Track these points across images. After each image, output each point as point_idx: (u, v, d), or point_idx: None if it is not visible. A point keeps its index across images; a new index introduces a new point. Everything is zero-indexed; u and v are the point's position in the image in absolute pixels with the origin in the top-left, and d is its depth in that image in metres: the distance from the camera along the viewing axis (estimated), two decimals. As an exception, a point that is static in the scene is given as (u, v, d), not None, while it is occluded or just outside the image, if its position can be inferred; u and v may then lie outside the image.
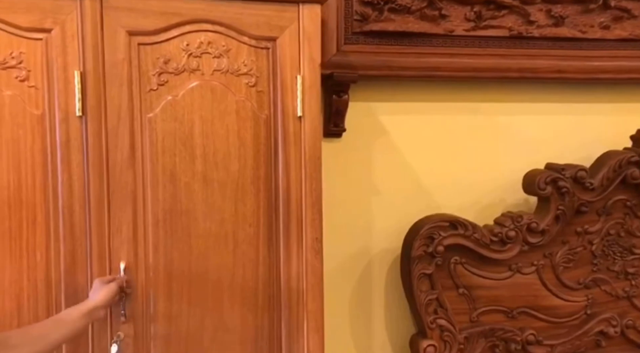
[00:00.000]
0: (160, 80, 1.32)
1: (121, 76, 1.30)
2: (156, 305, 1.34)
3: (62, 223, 1.31)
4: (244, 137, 1.37)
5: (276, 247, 1.40)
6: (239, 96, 1.36)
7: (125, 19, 1.29)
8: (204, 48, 1.34)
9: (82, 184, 1.32)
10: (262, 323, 1.40)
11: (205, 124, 1.35)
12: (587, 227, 1.91)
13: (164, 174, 1.34)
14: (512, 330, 1.89)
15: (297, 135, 1.39)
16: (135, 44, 1.31)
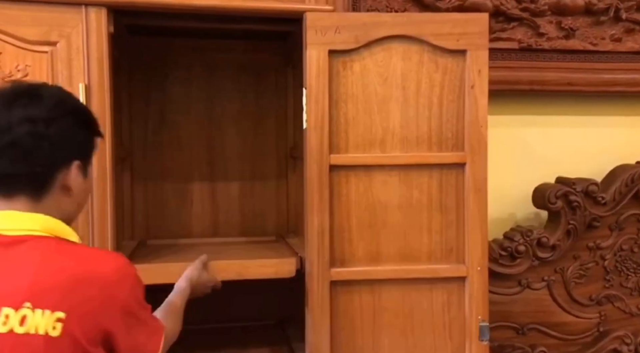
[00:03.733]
0: None
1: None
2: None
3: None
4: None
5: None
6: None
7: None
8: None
9: (86, 197, 1.30)
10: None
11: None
12: (599, 242, 1.87)
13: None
14: (523, 346, 1.85)
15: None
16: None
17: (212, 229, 1.83)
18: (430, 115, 1.41)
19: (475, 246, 1.42)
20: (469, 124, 1.41)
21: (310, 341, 1.39)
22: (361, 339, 1.42)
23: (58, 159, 0.89)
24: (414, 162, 1.41)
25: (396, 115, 1.40)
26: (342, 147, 1.40)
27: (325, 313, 1.39)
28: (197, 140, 1.80)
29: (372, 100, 1.39)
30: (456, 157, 1.42)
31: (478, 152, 1.41)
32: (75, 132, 0.92)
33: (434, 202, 1.43)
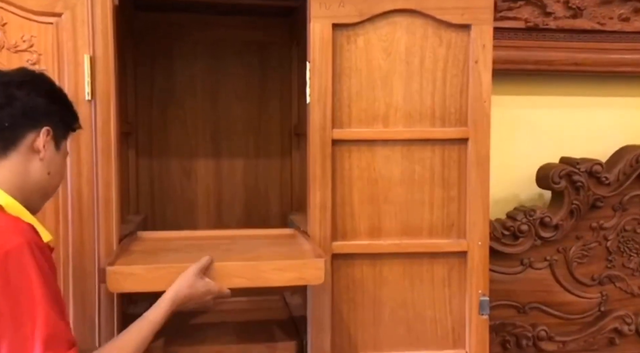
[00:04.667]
0: None
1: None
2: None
3: (71, 207, 1.31)
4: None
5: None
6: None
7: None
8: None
9: (90, 169, 1.32)
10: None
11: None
12: (602, 223, 1.87)
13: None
14: (523, 325, 1.86)
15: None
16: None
17: (216, 206, 1.84)
18: (433, 90, 1.41)
19: (477, 221, 1.42)
20: (473, 99, 1.41)
21: (311, 313, 1.40)
22: (362, 312, 1.43)
23: (28, 120, 0.95)
24: (416, 137, 1.41)
25: (399, 89, 1.40)
26: (345, 122, 1.40)
27: (327, 286, 1.40)
28: (201, 116, 1.82)
29: (375, 74, 1.39)
30: (459, 132, 1.42)
31: (481, 127, 1.41)
32: (48, 102, 0.99)
33: (436, 177, 1.43)
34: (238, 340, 1.49)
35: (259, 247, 1.36)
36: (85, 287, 1.31)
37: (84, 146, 1.32)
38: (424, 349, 1.44)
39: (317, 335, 1.40)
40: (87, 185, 1.32)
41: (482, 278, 1.43)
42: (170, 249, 1.32)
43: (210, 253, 1.27)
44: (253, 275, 1.14)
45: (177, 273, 1.10)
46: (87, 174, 1.32)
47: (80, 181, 1.32)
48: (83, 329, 1.30)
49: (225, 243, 1.40)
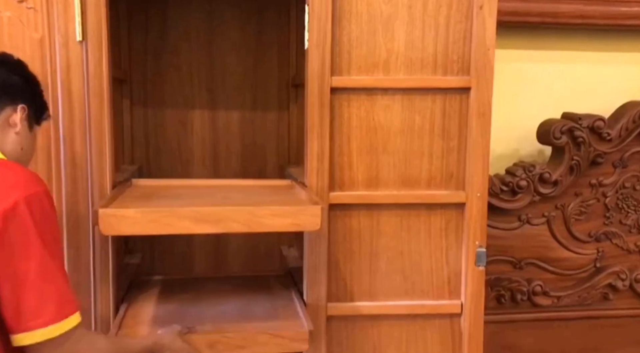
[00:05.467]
0: None
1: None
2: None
3: (63, 151, 1.29)
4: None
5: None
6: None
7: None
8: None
9: (82, 113, 1.29)
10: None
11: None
12: (602, 179, 1.86)
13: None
14: (519, 280, 1.87)
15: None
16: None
17: (212, 158, 1.82)
18: (436, 36, 1.37)
19: (476, 172, 1.40)
20: (476, 46, 1.37)
21: (308, 262, 1.40)
22: (358, 262, 1.43)
23: (6, 96, 1.02)
24: (417, 86, 1.38)
25: (401, 35, 1.36)
26: (345, 69, 1.37)
27: (323, 236, 1.39)
28: (197, 66, 1.77)
29: (376, 19, 1.35)
30: (461, 81, 1.38)
31: (484, 76, 1.38)
32: (25, 83, 1.06)
33: (436, 128, 1.40)
34: (235, 292, 1.50)
35: (255, 196, 1.34)
36: (79, 234, 1.30)
37: (76, 90, 1.28)
38: (420, 299, 1.45)
39: (313, 284, 1.40)
40: (80, 130, 1.29)
41: (480, 230, 1.42)
42: (165, 196, 1.30)
43: (207, 201, 1.26)
44: (249, 220, 1.12)
45: (173, 217, 1.08)
46: (79, 118, 1.29)
47: (72, 126, 1.29)
48: (78, 276, 1.30)
49: (221, 192, 1.38)
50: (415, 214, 1.43)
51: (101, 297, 1.29)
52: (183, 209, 1.09)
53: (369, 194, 1.41)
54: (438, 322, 1.45)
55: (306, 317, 1.31)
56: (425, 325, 1.45)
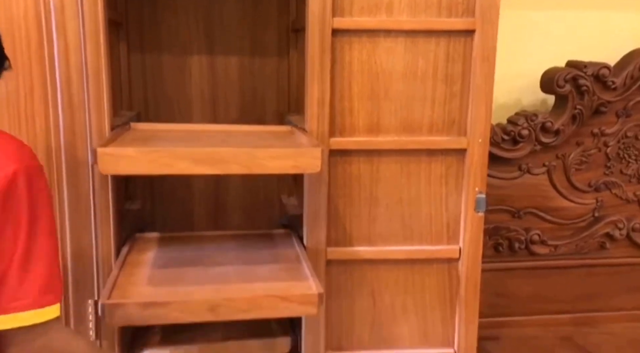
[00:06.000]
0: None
1: None
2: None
3: (60, 94, 1.27)
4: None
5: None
6: None
7: None
8: None
9: (78, 55, 1.26)
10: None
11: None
12: (604, 129, 1.85)
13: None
14: (517, 229, 1.88)
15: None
16: None
17: (211, 105, 1.80)
18: (441, -25, 1.33)
19: (478, 118, 1.39)
20: (481, -14, 1.33)
21: (308, 208, 1.40)
22: (358, 207, 1.43)
23: None
24: (421, 28, 1.35)
25: (404, -27, 1.32)
26: (346, 10, 1.33)
27: (324, 182, 1.39)
28: (194, 10, 1.72)
29: (379, -43, 1.31)
30: (466, 24, 1.35)
31: (489, 18, 1.34)
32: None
33: (439, 72, 1.38)
34: (238, 249, 1.48)
35: (255, 140, 1.33)
36: (78, 177, 1.29)
37: (71, 32, 1.25)
38: (418, 244, 1.46)
39: (312, 229, 1.41)
40: (76, 72, 1.27)
41: (480, 176, 1.42)
42: (164, 138, 1.29)
43: (206, 143, 1.25)
44: (249, 162, 1.12)
45: (172, 158, 1.08)
46: (75, 61, 1.26)
47: (68, 69, 1.26)
48: (78, 217, 1.31)
49: (221, 136, 1.37)
50: (415, 160, 1.42)
51: (102, 238, 1.30)
52: (183, 149, 1.09)
53: (369, 140, 1.40)
54: (436, 267, 1.47)
55: (314, 277, 1.24)
56: (423, 269, 1.47)
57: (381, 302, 1.47)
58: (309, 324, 1.42)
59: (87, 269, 1.32)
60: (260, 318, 1.18)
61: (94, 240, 1.30)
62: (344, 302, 1.46)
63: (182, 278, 1.25)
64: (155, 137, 1.31)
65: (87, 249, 1.30)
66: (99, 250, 1.31)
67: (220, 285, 1.21)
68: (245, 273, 1.30)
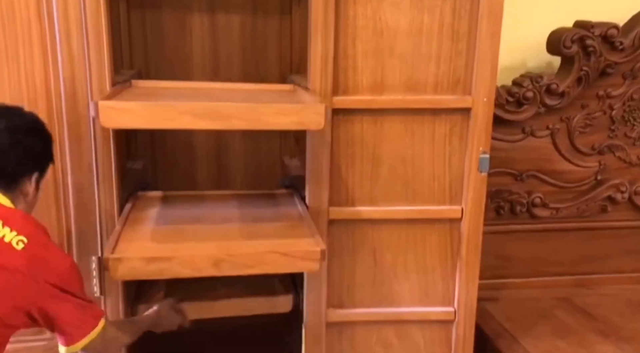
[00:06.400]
0: None
1: None
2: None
3: (60, 48, 1.25)
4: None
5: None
6: None
7: None
8: None
9: (78, 8, 1.24)
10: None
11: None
12: (610, 91, 1.82)
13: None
14: (519, 192, 1.88)
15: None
16: None
17: (212, 65, 1.77)
18: None
19: (484, 76, 1.37)
20: (489, -61, 1.29)
21: (310, 167, 1.40)
22: (360, 167, 1.43)
23: (26, 168, 1.07)
24: (427, -18, 1.32)
25: None
26: (351, -37, 1.30)
27: (326, 140, 1.38)
28: (195, -35, 1.69)
29: None
30: (472, -22, 1.32)
31: (497, -28, 1.31)
32: (42, 148, 1.10)
33: (445, 29, 1.35)
34: (240, 208, 1.49)
35: (257, 98, 1.31)
36: (80, 133, 1.29)
37: (70, -16, 1.22)
38: (420, 204, 1.46)
39: (315, 189, 1.41)
40: (76, 27, 1.25)
41: (485, 136, 1.41)
42: (166, 95, 1.28)
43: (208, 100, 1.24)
44: (252, 117, 1.11)
45: (174, 112, 1.07)
46: (74, 15, 1.24)
47: (67, 23, 1.25)
48: (80, 176, 1.30)
49: (222, 94, 1.36)
50: (419, 120, 1.41)
51: (105, 195, 1.30)
52: (185, 104, 1.08)
53: (373, 99, 1.39)
54: (437, 227, 1.48)
55: (316, 235, 1.25)
56: (424, 229, 1.48)
57: (382, 261, 1.48)
58: (311, 281, 1.43)
59: (91, 226, 1.33)
60: (263, 273, 1.18)
61: (96, 196, 1.30)
62: (345, 260, 1.47)
63: (185, 235, 1.25)
64: (157, 93, 1.30)
65: (90, 206, 1.30)
66: (101, 207, 1.31)
67: (224, 241, 1.22)
68: (248, 230, 1.31)
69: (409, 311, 1.51)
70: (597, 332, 1.69)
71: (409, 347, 1.53)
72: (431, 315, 1.51)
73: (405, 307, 1.51)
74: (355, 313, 1.49)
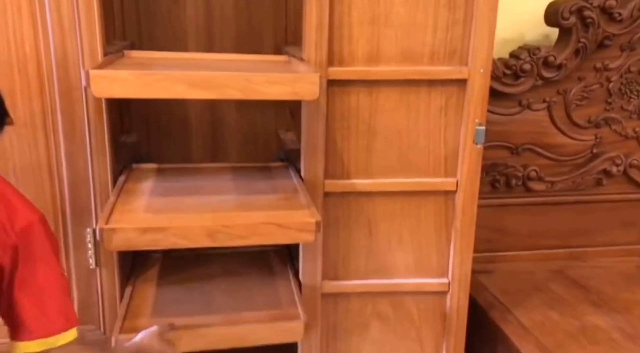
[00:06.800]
0: None
1: None
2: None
3: (50, 16, 1.23)
4: None
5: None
6: None
7: None
8: None
9: (67, -26, 1.21)
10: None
11: None
12: (608, 63, 1.81)
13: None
14: (515, 166, 1.88)
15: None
16: None
17: (206, 37, 1.75)
18: None
19: (481, 47, 1.35)
20: None
21: (305, 139, 1.39)
22: (356, 139, 1.42)
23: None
24: (424, -51, 1.29)
25: None
26: None
27: (321, 112, 1.37)
28: None
29: None
30: (470, -55, 1.29)
31: (495, -61, 1.29)
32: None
33: (442, -3, 1.33)
34: (235, 181, 1.48)
35: (251, 69, 1.30)
36: (72, 104, 1.27)
37: (58, -50, 1.19)
38: (415, 176, 1.46)
39: (310, 162, 1.41)
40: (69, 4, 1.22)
41: (480, 108, 1.40)
42: (159, 65, 1.26)
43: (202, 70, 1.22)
44: (245, 87, 1.09)
45: (167, 81, 1.05)
46: (63, -18, 1.22)
47: (57, -10, 1.22)
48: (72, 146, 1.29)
49: (217, 65, 1.34)
50: (415, 91, 1.40)
51: (99, 166, 1.29)
52: (178, 73, 1.06)
53: (368, 70, 1.37)
54: (433, 199, 1.48)
55: (312, 206, 1.25)
56: (419, 201, 1.48)
57: (377, 233, 1.48)
58: (306, 253, 1.44)
59: (85, 198, 1.32)
60: (258, 244, 1.18)
61: (90, 168, 1.29)
62: (340, 233, 1.47)
63: (180, 206, 1.25)
64: (150, 64, 1.28)
65: (83, 177, 1.30)
66: (95, 178, 1.31)
67: (219, 213, 1.22)
68: (244, 202, 1.30)
69: (404, 282, 1.52)
70: (589, 303, 1.71)
71: (403, 318, 1.54)
72: (425, 286, 1.52)
73: (400, 278, 1.52)
74: (350, 284, 1.50)
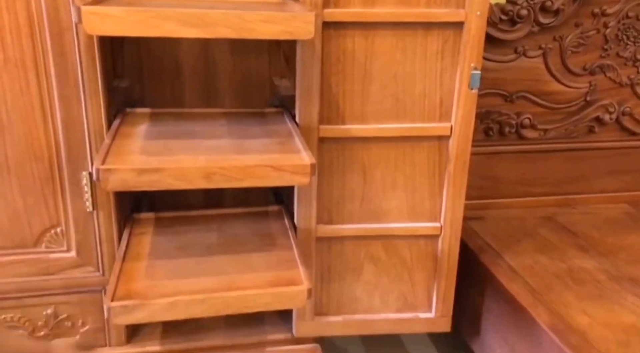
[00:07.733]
0: None
1: None
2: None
3: (36, -47, 1.19)
4: None
5: None
6: None
7: None
8: None
9: None
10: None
11: None
12: (605, 9, 1.79)
13: None
14: (508, 113, 1.89)
15: None
16: None
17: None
18: None
19: (478, -12, 1.33)
20: None
21: (300, 83, 1.38)
22: (351, 84, 1.42)
23: None
24: None
25: None
26: None
27: (316, 55, 1.36)
28: None
29: None
30: None
31: None
32: None
33: (439, -62, 1.30)
34: (230, 126, 1.47)
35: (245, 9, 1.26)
36: (63, 45, 1.25)
37: None
38: (410, 122, 1.46)
39: (305, 107, 1.40)
40: None
41: (477, 52, 1.39)
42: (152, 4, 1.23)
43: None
44: (238, 25, 1.08)
45: (159, 18, 1.04)
46: None
47: None
48: (66, 89, 1.28)
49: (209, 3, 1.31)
50: (411, 34, 1.39)
51: (92, 109, 1.28)
52: (170, 10, 1.04)
53: (364, 12, 1.35)
54: (427, 144, 1.49)
55: (307, 150, 1.26)
56: (414, 147, 1.49)
57: (371, 178, 1.50)
58: (301, 197, 1.46)
59: (80, 141, 1.32)
60: (253, 186, 1.20)
61: (84, 110, 1.29)
62: (335, 178, 1.49)
63: (175, 149, 1.25)
64: (142, 3, 1.25)
65: (77, 120, 1.29)
66: (90, 122, 1.30)
67: (215, 155, 1.22)
68: (239, 146, 1.31)
69: (397, 227, 1.55)
70: (577, 248, 1.76)
71: (396, 261, 1.58)
72: (418, 230, 1.55)
73: (393, 223, 1.55)
74: (344, 228, 1.53)
